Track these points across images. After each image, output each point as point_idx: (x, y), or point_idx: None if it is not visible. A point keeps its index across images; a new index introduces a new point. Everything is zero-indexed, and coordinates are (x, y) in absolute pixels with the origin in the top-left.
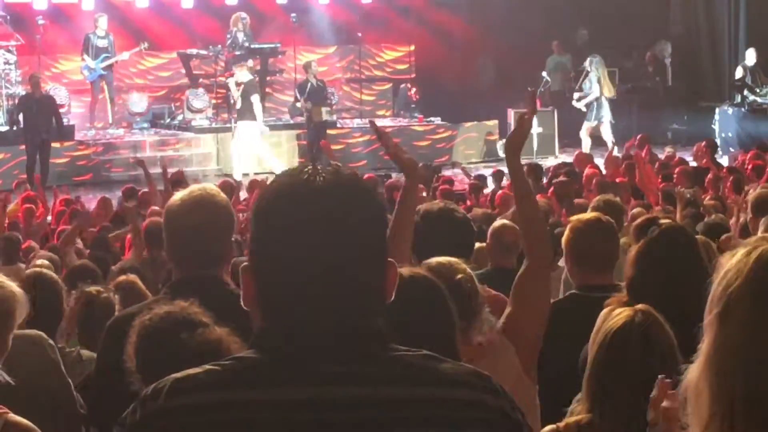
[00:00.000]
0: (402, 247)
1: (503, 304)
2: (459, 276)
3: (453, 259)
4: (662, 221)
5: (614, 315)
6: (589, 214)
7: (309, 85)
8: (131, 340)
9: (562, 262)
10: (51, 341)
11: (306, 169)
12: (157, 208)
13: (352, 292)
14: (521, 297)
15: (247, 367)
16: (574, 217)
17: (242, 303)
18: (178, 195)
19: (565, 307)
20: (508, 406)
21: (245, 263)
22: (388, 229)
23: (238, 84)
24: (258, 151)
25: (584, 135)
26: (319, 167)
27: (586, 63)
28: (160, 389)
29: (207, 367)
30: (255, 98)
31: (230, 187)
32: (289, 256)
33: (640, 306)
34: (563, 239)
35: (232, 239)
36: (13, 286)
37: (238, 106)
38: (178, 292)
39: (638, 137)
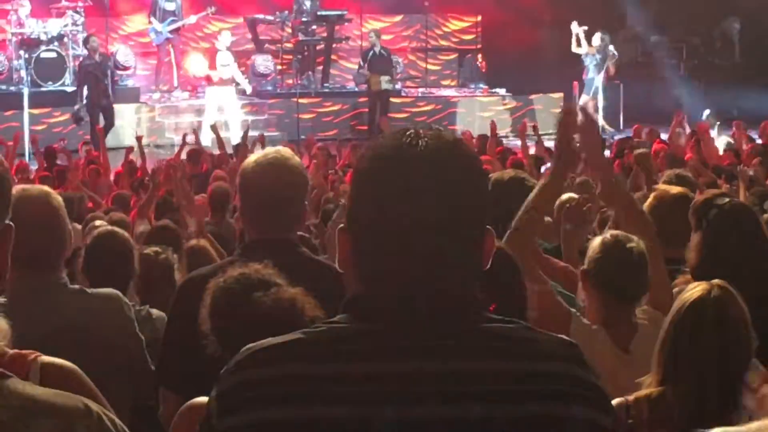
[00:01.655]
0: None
1: (573, 275)
2: (632, 245)
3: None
4: (720, 201)
5: (690, 288)
6: (675, 188)
7: (371, 53)
8: (205, 303)
9: None
10: (126, 299)
11: (408, 133)
12: (221, 172)
13: (453, 258)
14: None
15: (340, 337)
16: (661, 187)
17: (337, 265)
18: (253, 157)
19: None
20: (594, 377)
21: (342, 225)
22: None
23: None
24: (229, 118)
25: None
26: (421, 131)
27: (596, 37)
28: (247, 357)
29: (298, 335)
30: (235, 64)
31: (296, 152)
32: (389, 220)
33: (716, 281)
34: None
35: (305, 202)
36: None
37: (227, 73)
38: (250, 254)
39: (706, 114)
